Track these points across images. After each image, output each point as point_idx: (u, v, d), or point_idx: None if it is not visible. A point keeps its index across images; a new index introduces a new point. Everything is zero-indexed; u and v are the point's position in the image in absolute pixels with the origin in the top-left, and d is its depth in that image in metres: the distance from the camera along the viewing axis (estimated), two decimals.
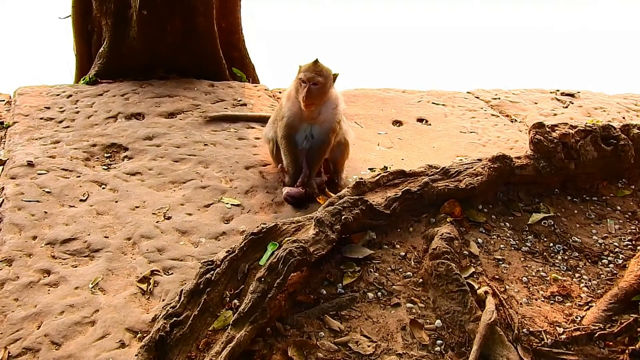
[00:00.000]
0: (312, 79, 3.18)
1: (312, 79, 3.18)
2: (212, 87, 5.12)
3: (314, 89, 3.20)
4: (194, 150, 3.92)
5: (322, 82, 3.20)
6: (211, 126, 4.35)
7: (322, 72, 3.22)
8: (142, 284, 2.64)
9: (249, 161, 3.86)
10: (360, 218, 2.66)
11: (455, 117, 5.20)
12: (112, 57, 5.06)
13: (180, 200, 3.32)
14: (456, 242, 2.61)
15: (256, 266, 2.36)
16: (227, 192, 3.45)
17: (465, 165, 3.12)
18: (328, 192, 3.52)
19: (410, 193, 2.84)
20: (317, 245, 2.43)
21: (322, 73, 3.21)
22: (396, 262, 2.59)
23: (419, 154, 4.40)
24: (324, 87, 3.24)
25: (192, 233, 3.03)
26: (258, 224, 2.60)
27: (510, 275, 2.61)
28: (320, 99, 3.27)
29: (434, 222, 2.82)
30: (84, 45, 5.47)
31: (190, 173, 3.62)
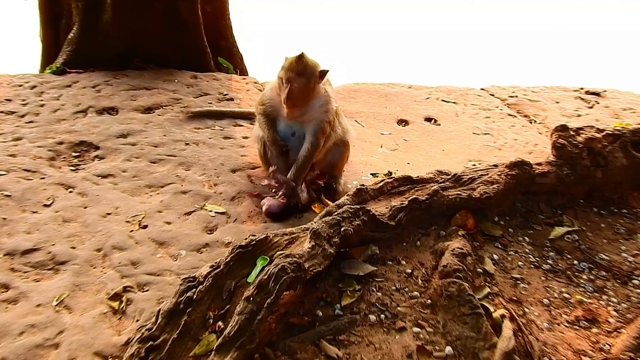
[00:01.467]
0: (293, 80, 3.21)
1: (293, 80, 3.21)
2: (195, 79, 5.11)
3: (295, 89, 3.22)
4: (173, 150, 3.91)
5: (304, 82, 3.22)
6: (193, 123, 4.35)
7: (306, 70, 3.22)
8: (114, 301, 2.61)
9: (236, 163, 3.85)
10: (362, 230, 2.65)
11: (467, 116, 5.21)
12: (83, 44, 5.05)
13: (157, 206, 3.31)
14: (469, 258, 2.61)
15: (244, 284, 2.34)
16: (211, 198, 3.44)
17: (480, 171, 3.12)
18: (325, 199, 3.51)
19: (418, 202, 2.83)
20: (312, 260, 2.41)
21: (304, 72, 3.21)
22: (401, 281, 2.58)
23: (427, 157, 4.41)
24: (307, 87, 3.25)
25: (170, 244, 3.01)
26: (246, 235, 2.59)
27: (530, 296, 2.60)
28: (303, 99, 3.29)
29: (444, 236, 2.81)
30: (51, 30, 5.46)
31: (169, 176, 3.61)
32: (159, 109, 4.49)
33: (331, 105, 3.44)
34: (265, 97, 3.51)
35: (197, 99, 4.75)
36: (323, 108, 3.39)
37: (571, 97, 5.70)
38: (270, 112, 3.48)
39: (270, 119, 3.48)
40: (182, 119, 4.37)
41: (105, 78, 4.84)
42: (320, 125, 3.38)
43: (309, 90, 3.28)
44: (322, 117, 3.38)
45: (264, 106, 3.51)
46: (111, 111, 4.39)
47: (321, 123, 3.38)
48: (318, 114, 3.38)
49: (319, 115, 3.38)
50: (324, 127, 3.39)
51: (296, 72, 3.20)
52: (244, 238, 2.51)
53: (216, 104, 4.71)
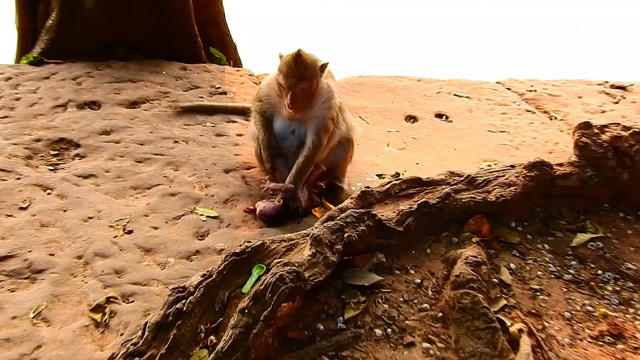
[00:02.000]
0: (294, 85, 3.22)
1: (294, 85, 3.22)
2: (185, 70, 5.12)
3: (299, 95, 3.25)
4: (161, 148, 3.92)
5: (306, 86, 3.24)
6: (183, 119, 4.36)
7: (306, 72, 3.22)
8: (96, 313, 2.61)
9: (229, 163, 3.86)
10: (367, 236, 2.65)
11: (482, 112, 5.22)
12: (62, 33, 5.05)
13: (143, 210, 3.31)
14: (484, 267, 2.61)
15: (238, 294, 2.34)
16: (202, 201, 3.45)
17: (495, 172, 3.13)
18: (326, 202, 3.52)
19: (428, 206, 2.84)
20: (313, 269, 2.41)
21: (305, 74, 3.22)
22: (410, 292, 2.58)
23: (437, 157, 4.42)
24: (311, 88, 3.28)
25: (158, 251, 3.02)
26: (240, 242, 2.60)
27: (550, 309, 2.61)
28: (308, 102, 3.32)
29: (457, 243, 2.81)
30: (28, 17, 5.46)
31: (156, 177, 3.61)
32: (145, 104, 4.49)
33: (334, 101, 3.44)
34: (262, 93, 3.52)
35: (186, 92, 4.75)
36: (326, 104, 3.40)
37: (595, 91, 5.70)
38: (268, 110, 3.48)
39: (266, 118, 3.49)
40: (171, 114, 4.38)
41: (87, 69, 4.85)
42: (322, 123, 3.38)
43: (313, 90, 3.30)
44: (324, 113, 3.39)
45: (261, 103, 3.51)
46: (93, 105, 4.40)
47: (324, 120, 3.39)
48: (320, 111, 3.39)
49: (322, 111, 3.39)
50: (326, 125, 3.40)
51: (296, 77, 3.20)
52: (239, 245, 2.51)
53: (207, 98, 4.72)
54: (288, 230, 3.18)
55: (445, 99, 5.38)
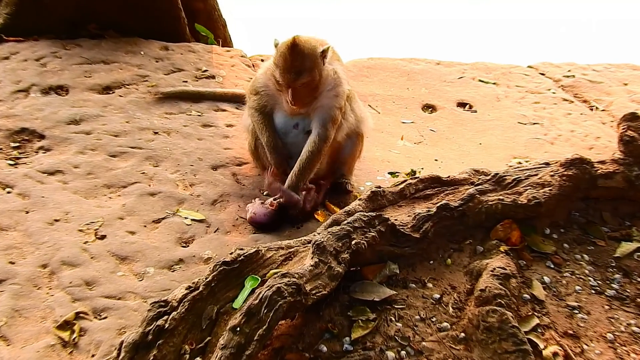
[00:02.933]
0: (294, 81, 3.23)
1: (294, 81, 3.23)
2: (166, 50, 5.13)
3: (301, 90, 3.27)
4: (139, 140, 3.92)
5: (308, 79, 3.25)
6: (164, 107, 4.36)
7: (305, 63, 3.22)
8: (63, 331, 2.61)
9: (218, 158, 3.87)
10: (378, 244, 2.66)
11: (511, 101, 5.22)
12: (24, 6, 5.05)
13: (118, 212, 3.32)
14: (513, 280, 2.61)
15: (228, 310, 2.34)
16: (186, 202, 3.45)
17: (527, 171, 3.13)
18: (330, 204, 3.53)
19: (449, 209, 2.84)
20: (315, 281, 2.42)
21: (305, 65, 3.22)
22: (428, 308, 2.59)
23: (459, 153, 4.43)
24: (313, 81, 3.29)
25: (135, 260, 3.02)
26: (231, 249, 2.59)
27: (590, 330, 2.61)
28: (312, 94, 3.34)
29: (482, 252, 2.82)
30: None
31: (133, 173, 3.62)
32: (121, 89, 4.50)
33: (342, 88, 3.45)
34: (259, 84, 3.52)
35: (168, 76, 4.76)
36: (332, 92, 3.41)
37: None
38: (267, 104, 3.49)
39: (266, 115, 3.49)
40: (150, 101, 4.39)
41: (53, 49, 4.85)
42: (329, 114, 3.39)
43: (316, 82, 3.31)
44: (331, 103, 3.40)
45: (258, 96, 3.51)
46: (60, 91, 4.40)
47: (330, 110, 3.39)
48: (326, 100, 3.40)
49: (328, 101, 3.40)
50: (334, 116, 3.40)
51: (295, 72, 3.21)
52: (229, 253, 2.51)
53: (193, 83, 4.72)
54: (286, 237, 3.18)
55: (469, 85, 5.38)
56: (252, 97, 3.55)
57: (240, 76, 4.93)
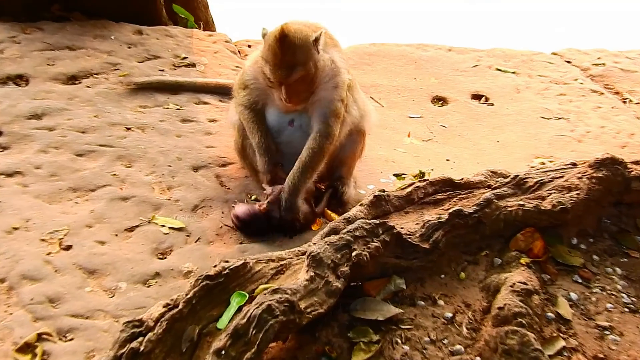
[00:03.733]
0: (286, 77, 3.21)
1: (286, 77, 3.21)
2: (140, 34, 5.12)
3: (295, 86, 3.26)
4: (109, 137, 3.91)
5: (301, 74, 3.23)
6: (138, 99, 4.35)
7: (297, 56, 3.21)
8: (24, 354, 2.59)
9: (199, 158, 3.86)
10: (382, 255, 2.64)
11: (533, 92, 5.22)
12: None
13: (86, 219, 3.30)
14: (536, 297, 2.61)
15: (212, 330, 2.33)
16: (164, 208, 3.44)
17: (551, 172, 3.13)
18: (328, 211, 3.54)
19: (463, 216, 2.83)
20: (311, 298, 2.41)
21: (297, 59, 3.21)
22: (438, 329, 2.58)
23: (474, 151, 4.44)
24: (308, 74, 3.28)
25: (105, 273, 3.01)
26: (215, 261, 2.58)
27: (623, 353, 2.60)
28: (309, 89, 3.34)
29: (500, 265, 2.81)
30: None
31: (102, 175, 3.61)
32: (88, 79, 4.48)
33: (341, 78, 3.45)
34: (248, 78, 3.51)
35: (142, 64, 4.75)
36: (331, 83, 3.41)
37: None
38: (258, 99, 3.48)
39: (257, 112, 3.48)
40: (122, 92, 4.37)
41: (10, 33, 4.84)
42: (330, 107, 3.39)
43: (312, 75, 3.30)
44: (330, 95, 3.40)
45: (248, 91, 3.50)
46: (19, 81, 4.39)
47: (330, 104, 3.39)
48: (325, 92, 3.40)
49: (326, 93, 3.40)
50: (335, 109, 3.40)
51: (287, 66, 3.20)
52: (212, 265, 2.50)
53: (170, 72, 4.71)
54: (277, 247, 3.18)
55: (485, 74, 5.38)
56: (240, 93, 3.54)
57: (225, 64, 4.92)
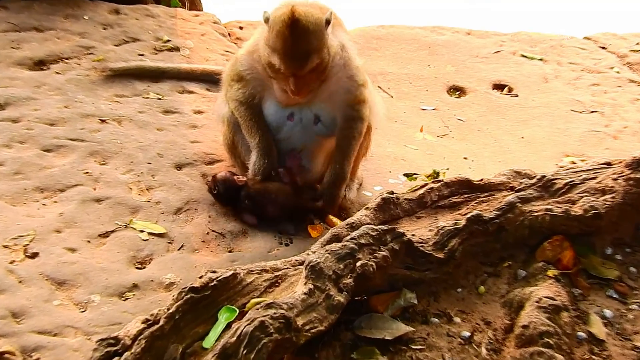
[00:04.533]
0: (301, 69, 3.21)
1: (301, 69, 3.21)
2: (117, 14, 5.12)
3: (307, 78, 3.26)
4: (81, 131, 3.91)
5: (314, 63, 3.23)
6: (114, 87, 4.35)
7: (312, 43, 3.21)
8: None
9: (183, 154, 3.87)
10: (390, 266, 2.64)
11: (562, 82, 5.22)
12: None
13: (55, 222, 3.30)
14: (565, 314, 2.60)
15: (197, 350, 2.33)
16: (142, 211, 3.44)
17: (583, 173, 3.12)
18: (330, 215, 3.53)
19: (482, 222, 2.83)
20: (310, 314, 2.40)
21: (311, 46, 3.21)
22: (454, 350, 2.57)
23: (496, 149, 4.43)
24: (321, 63, 3.29)
25: (76, 285, 3.00)
26: (201, 272, 2.57)
27: None
28: (319, 79, 3.35)
29: (525, 277, 2.81)
30: None
31: (74, 173, 3.60)
32: (58, 64, 4.49)
33: (355, 62, 3.51)
34: (243, 68, 3.49)
35: (119, 47, 4.76)
36: (344, 73, 3.45)
37: None
38: (255, 93, 3.48)
39: (255, 108, 3.48)
40: (96, 80, 4.38)
41: None
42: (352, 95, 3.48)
43: (326, 63, 3.31)
44: (348, 85, 3.46)
45: (243, 83, 3.48)
46: None
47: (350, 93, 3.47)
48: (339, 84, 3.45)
49: (342, 84, 3.45)
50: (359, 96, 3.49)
51: (301, 56, 3.19)
52: (198, 276, 2.50)
53: (151, 57, 4.72)
54: (272, 257, 3.18)
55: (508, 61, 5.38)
56: (234, 85, 3.54)
57: (213, 48, 4.93)
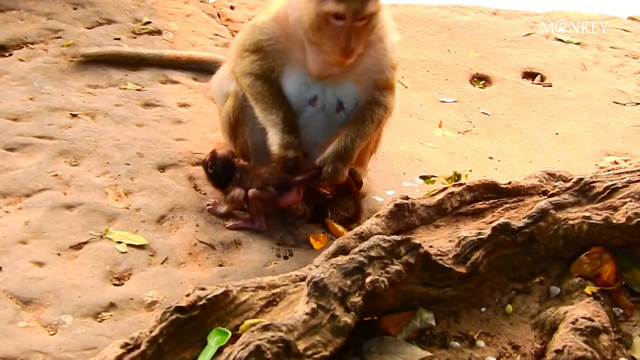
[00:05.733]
0: (363, 10, 3.21)
1: (363, 10, 3.21)
2: None
3: (359, 28, 3.27)
4: (49, 127, 3.93)
5: (375, 9, 3.27)
6: (86, 76, 4.38)
7: None
8: None
9: (167, 154, 3.89)
10: (404, 282, 2.66)
11: (603, 70, 5.23)
12: None
13: (19, 233, 3.32)
14: (605, 337, 2.63)
15: None
16: (120, 219, 3.47)
17: (626, 175, 3.16)
18: (333, 222, 3.59)
19: (510, 232, 2.86)
20: (312, 337, 2.42)
21: None
22: None
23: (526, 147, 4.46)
24: (378, 12, 3.33)
25: (44, 304, 3.02)
26: (187, 289, 2.57)
27: None
28: (367, 39, 3.39)
29: (559, 295, 2.84)
30: None
31: (41, 176, 3.62)
32: (21, 49, 4.52)
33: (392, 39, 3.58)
34: (264, 35, 3.49)
35: (92, 30, 4.80)
36: (381, 44, 3.51)
37: None
38: (273, 67, 3.48)
39: (274, 83, 3.48)
40: (65, 68, 4.41)
41: None
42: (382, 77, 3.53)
43: (378, 18, 3.36)
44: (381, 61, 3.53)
45: (261, 54, 3.47)
46: None
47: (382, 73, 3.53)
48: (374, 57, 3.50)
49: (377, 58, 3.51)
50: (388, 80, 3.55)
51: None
52: (184, 294, 2.51)
53: (129, 42, 4.76)
54: (269, 271, 3.20)
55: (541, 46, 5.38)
56: (246, 58, 3.53)
57: (200, 31, 4.94)
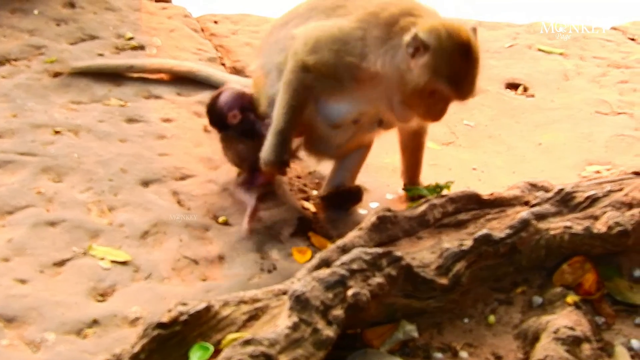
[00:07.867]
0: (468, 96, 3.31)
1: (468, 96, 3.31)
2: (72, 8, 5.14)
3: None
4: (32, 143, 3.92)
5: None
6: (70, 92, 4.37)
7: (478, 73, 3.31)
8: None
9: (150, 169, 3.89)
10: (387, 294, 2.66)
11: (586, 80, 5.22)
12: None
13: (2, 250, 3.31)
14: (587, 346, 2.62)
15: None
16: (103, 236, 3.45)
17: (608, 184, 3.16)
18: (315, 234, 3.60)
19: (492, 242, 2.85)
20: (294, 351, 2.40)
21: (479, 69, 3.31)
22: None
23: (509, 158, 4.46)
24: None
25: (27, 321, 3.01)
26: (170, 304, 2.57)
27: None
28: None
29: (541, 305, 2.84)
30: None
31: (23, 193, 3.61)
32: (4, 66, 4.51)
33: None
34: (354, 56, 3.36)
35: (75, 46, 4.79)
36: None
37: None
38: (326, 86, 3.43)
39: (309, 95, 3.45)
40: (49, 84, 4.40)
41: None
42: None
43: None
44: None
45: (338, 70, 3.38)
46: None
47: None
48: None
49: None
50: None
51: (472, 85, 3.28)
52: (167, 310, 2.51)
53: (112, 57, 4.75)
54: (252, 285, 3.20)
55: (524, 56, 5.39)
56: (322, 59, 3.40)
57: (183, 46, 4.93)
